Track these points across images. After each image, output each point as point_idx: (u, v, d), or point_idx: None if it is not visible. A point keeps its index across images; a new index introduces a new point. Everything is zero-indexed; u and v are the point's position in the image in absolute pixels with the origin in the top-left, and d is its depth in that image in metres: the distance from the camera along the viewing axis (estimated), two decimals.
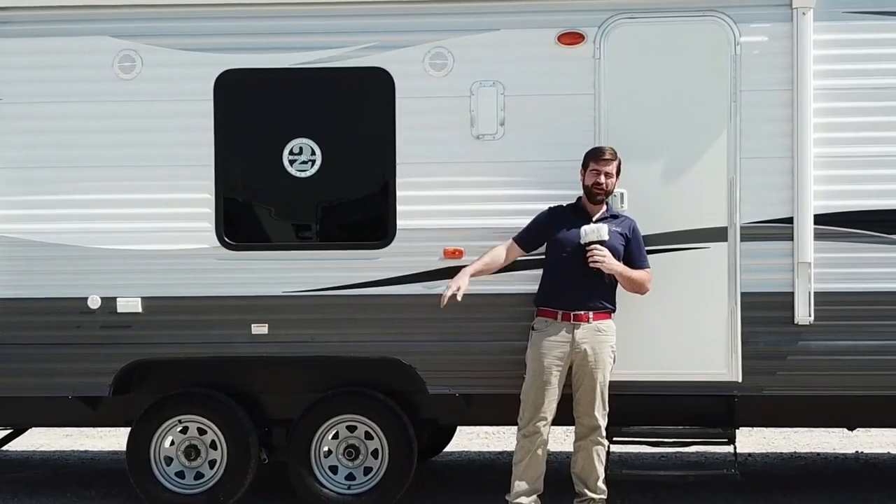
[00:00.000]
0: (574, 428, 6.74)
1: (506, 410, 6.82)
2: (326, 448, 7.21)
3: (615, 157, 6.57)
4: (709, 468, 7.79)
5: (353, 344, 6.98)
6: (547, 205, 6.71)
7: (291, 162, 6.99)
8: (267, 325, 6.99)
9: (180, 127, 7.00)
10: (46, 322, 7.08)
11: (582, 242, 6.51)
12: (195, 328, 7.02)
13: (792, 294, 6.70)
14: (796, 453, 9.44)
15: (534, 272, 6.75)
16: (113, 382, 7.06)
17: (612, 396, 6.64)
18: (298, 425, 7.14)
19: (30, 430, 8.67)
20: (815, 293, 6.69)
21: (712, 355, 6.77)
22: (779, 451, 9.52)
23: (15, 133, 7.11)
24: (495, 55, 6.85)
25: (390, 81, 6.89)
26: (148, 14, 7.02)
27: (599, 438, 6.66)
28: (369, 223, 7.12)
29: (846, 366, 6.73)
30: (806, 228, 6.66)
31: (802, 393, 6.81)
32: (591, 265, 6.49)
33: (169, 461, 7.28)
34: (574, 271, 6.54)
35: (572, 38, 6.82)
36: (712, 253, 6.75)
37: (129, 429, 7.30)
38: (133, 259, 7.02)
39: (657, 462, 8.64)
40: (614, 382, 6.65)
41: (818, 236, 6.67)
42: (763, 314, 6.74)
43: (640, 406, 6.87)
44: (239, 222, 7.10)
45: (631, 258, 6.61)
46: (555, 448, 7.26)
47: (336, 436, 7.20)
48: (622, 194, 6.74)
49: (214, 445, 7.24)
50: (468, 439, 10.11)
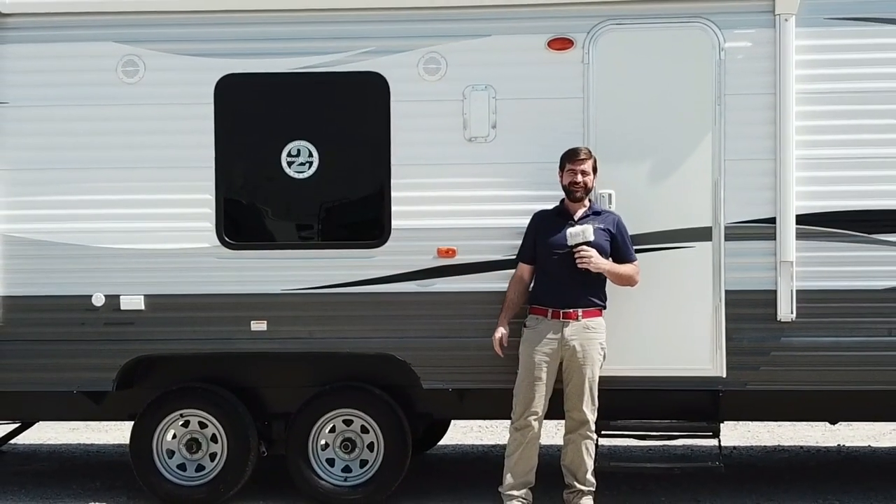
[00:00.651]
0: (564, 422, 6.74)
1: (498, 405, 6.82)
2: (324, 441, 7.20)
3: (590, 156, 6.57)
4: (694, 461, 7.81)
5: (350, 340, 6.97)
6: (537, 205, 6.72)
7: (289, 164, 6.98)
8: (266, 322, 6.98)
9: (182, 129, 7.00)
10: (52, 319, 7.08)
11: (569, 244, 6.49)
12: (196, 325, 7.02)
13: (775, 292, 6.70)
14: (780, 446, 9.42)
15: None
16: (117, 378, 7.06)
17: (601, 391, 6.64)
18: (297, 419, 7.13)
19: (37, 424, 8.65)
20: (798, 291, 6.69)
21: (698, 351, 6.77)
22: (763, 445, 9.50)
23: (22, 135, 7.10)
24: (487, 60, 6.85)
25: (385, 85, 6.89)
26: (151, 20, 7.03)
27: (588, 432, 6.65)
28: (365, 223, 7.10)
29: (827, 361, 6.73)
30: (788, 228, 6.66)
31: (785, 388, 6.80)
32: (580, 266, 6.48)
33: (171, 454, 7.27)
34: (563, 271, 6.53)
35: (562, 44, 6.81)
36: (697, 252, 6.75)
37: (133, 423, 7.29)
38: (136, 258, 7.02)
39: (644, 455, 8.63)
40: (603, 377, 6.64)
41: (800, 236, 6.67)
42: (747, 311, 6.73)
43: (629, 400, 6.86)
44: (239, 222, 7.09)
45: (618, 252, 6.60)
46: (546, 441, 7.24)
47: (333, 429, 7.20)
48: (610, 195, 6.74)
49: (215, 439, 7.24)
50: (462, 433, 10.09)
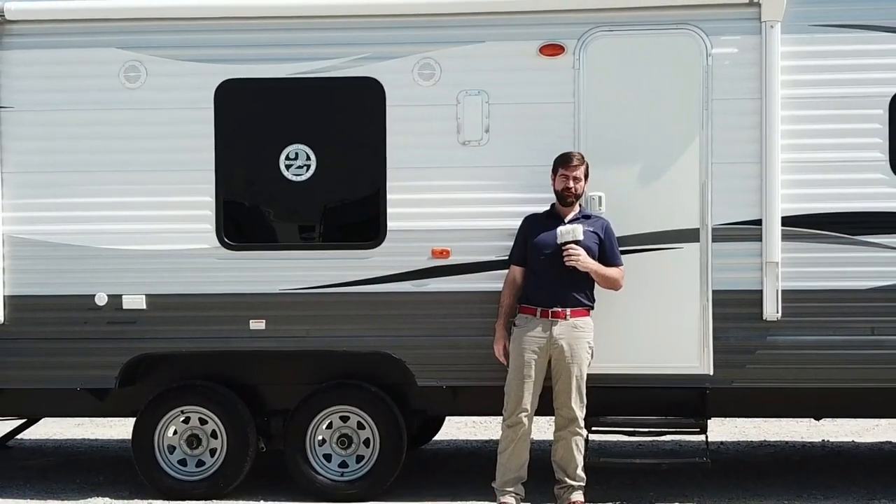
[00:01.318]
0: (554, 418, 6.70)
1: (490, 401, 6.79)
2: (321, 437, 7.16)
3: (583, 162, 6.54)
4: (682, 456, 7.76)
5: (346, 339, 6.94)
6: (529, 207, 6.69)
7: (288, 167, 6.95)
8: (264, 321, 6.95)
9: (182, 133, 6.98)
10: (56, 318, 7.05)
11: (559, 242, 6.46)
12: (197, 324, 6.99)
13: (761, 292, 6.67)
14: (766, 442, 9.40)
15: None
16: (119, 375, 7.03)
17: (591, 388, 6.60)
18: (294, 416, 7.10)
19: (43, 420, 8.61)
20: (783, 291, 6.66)
21: (685, 350, 6.74)
22: (749, 440, 9.48)
23: (27, 139, 7.08)
24: (480, 65, 6.82)
25: (381, 90, 6.86)
26: (152, 27, 7.00)
27: (577, 429, 6.61)
28: (361, 224, 7.07)
29: (812, 360, 6.70)
30: (774, 230, 6.63)
31: (771, 385, 6.78)
32: (567, 264, 6.44)
33: (172, 449, 7.24)
34: (552, 271, 6.50)
35: (553, 50, 6.78)
36: (685, 253, 6.72)
37: (135, 419, 7.25)
38: (138, 258, 6.99)
39: (634, 450, 8.58)
40: (593, 375, 6.61)
41: (785, 237, 6.64)
42: (733, 311, 6.70)
43: (618, 397, 6.84)
44: (238, 224, 7.07)
45: (605, 256, 6.57)
46: (538, 437, 7.20)
47: (330, 426, 7.16)
48: (600, 197, 6.71)
49: (215, 435, 7.20)
50: (456, 428, 10.06)
